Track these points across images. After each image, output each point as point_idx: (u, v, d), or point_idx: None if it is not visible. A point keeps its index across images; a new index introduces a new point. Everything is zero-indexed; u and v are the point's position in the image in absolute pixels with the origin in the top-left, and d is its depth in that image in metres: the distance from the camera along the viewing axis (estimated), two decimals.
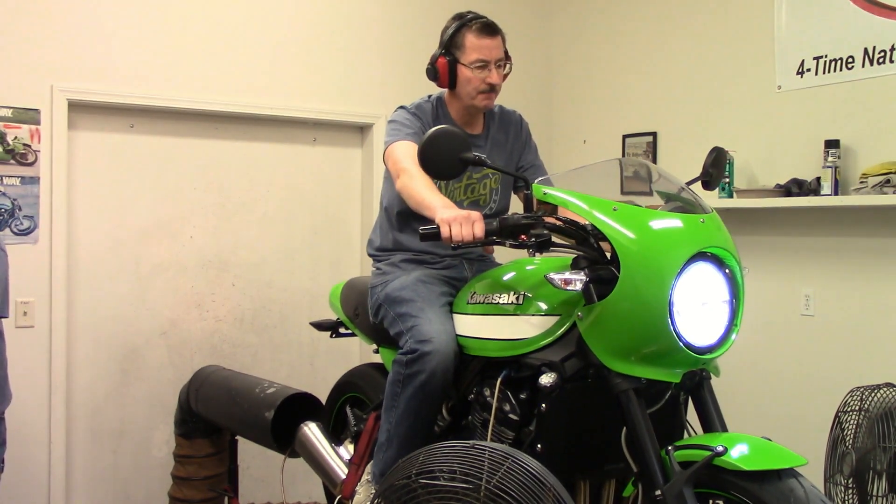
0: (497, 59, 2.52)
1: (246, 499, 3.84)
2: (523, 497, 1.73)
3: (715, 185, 2.28)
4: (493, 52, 2.51)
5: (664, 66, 4.21)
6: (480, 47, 2.51)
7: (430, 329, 2.29)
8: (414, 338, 2.31)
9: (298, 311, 4.16)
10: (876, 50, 3.33)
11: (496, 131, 2.70)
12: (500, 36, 2.55)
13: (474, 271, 2.60)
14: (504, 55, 2.56)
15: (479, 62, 2.51)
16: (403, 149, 2.46)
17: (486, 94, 2.54)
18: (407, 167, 2.37)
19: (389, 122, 2.59)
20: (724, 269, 1.95)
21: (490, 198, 2.66)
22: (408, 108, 2.61)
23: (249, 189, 4.07)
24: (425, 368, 2.25)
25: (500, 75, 2.55)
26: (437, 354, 2.25)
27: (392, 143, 2.51)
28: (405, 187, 2.34)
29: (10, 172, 3.46)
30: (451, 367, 2.28)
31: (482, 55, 2.50)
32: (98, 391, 3.72)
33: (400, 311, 2.45)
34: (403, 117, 2.57)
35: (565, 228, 2.04)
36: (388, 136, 2.55)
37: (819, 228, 3.54)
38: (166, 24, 3.76)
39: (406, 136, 2.50)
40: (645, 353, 1.90)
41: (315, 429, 2.87)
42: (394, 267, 2.63)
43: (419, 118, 2.57)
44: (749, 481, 1.72)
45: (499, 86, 2.55)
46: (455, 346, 2.29)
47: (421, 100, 2.64)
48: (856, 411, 2.79)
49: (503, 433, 2.16)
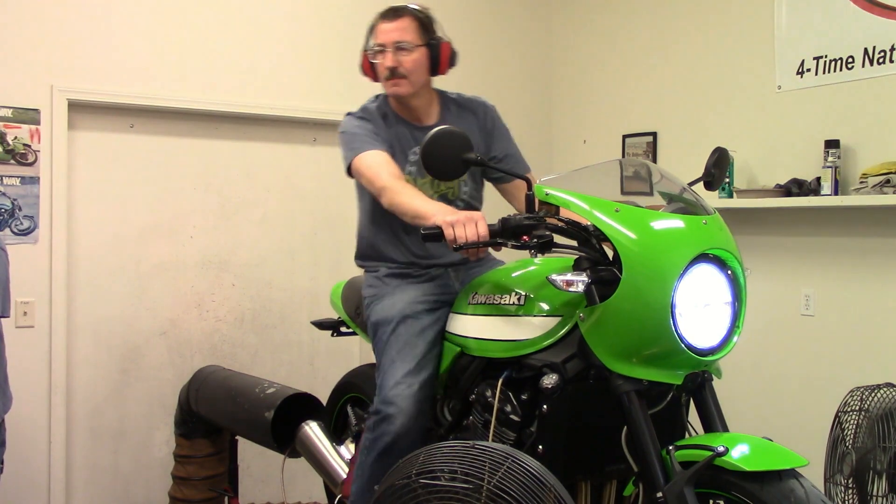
0: (394, 41, 2.43)
1: (246, 499, 3.84)
2: (524, 497, 1.73)
3: (717, 185, 2.27)
4: (389, 34, 2.44)
5: (664, 66, 4.21)
6: (379, 32, 2.47)
7: (395, 392, 2.30)
8: (379, 397, 2.35)
9: (298, 310, 4.16)
10: (876, 50, 3.33)
11: (454, 119, 2.55)
12: (403, 19, 2.45)
13: (461, 279, 2.56)
14: (414, 39, 2.44)
15: (377, 46, 2.46)
16: (370, 163, 2.38)
17: (391, 81, 2.45)
18: (386, 184, 2.31)
19: (341, 134, 2.50)
20: (727, 270, 1.95)
21: (459, 189, 2.59)
22: (354, 113, 2.54)
23: (249, 189, 4.07)
24: (389, 431, 2.28)
25: (402, 59, 2.43)
26: (400, 417, 2.27)
27: (353, 157, 2.42)
28: (393, 205, 2.29)
29: (10, 172, 3.46)
30: (415, 431, 2.30)
31: (378, 39, 2.46)
32: (98, 391, 3.72)
33: (377, 351, 2.45)
34: (353, 125, 2.49)
35: (567, 229, 2.04)
36: (345, 150, 2.47)
37: (819, 228, 3.55)
38: (166, 24, 3.76)
39: (363, 145, 2.42)
40: (647, 354, 1.90)
41: (316, 428, 2.88)
42: (379, 282, 2.58)
43: (367, 120, 2.50)
44: (750, 482, 1.72)
45: (402, 70, 2.43)
46: (421, 407, 2.31)
47: (367, 101, 2.58)
48: (856, 411, 2.80)
49: (504, 434, 2.16)
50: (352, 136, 2.47)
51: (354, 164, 2.43)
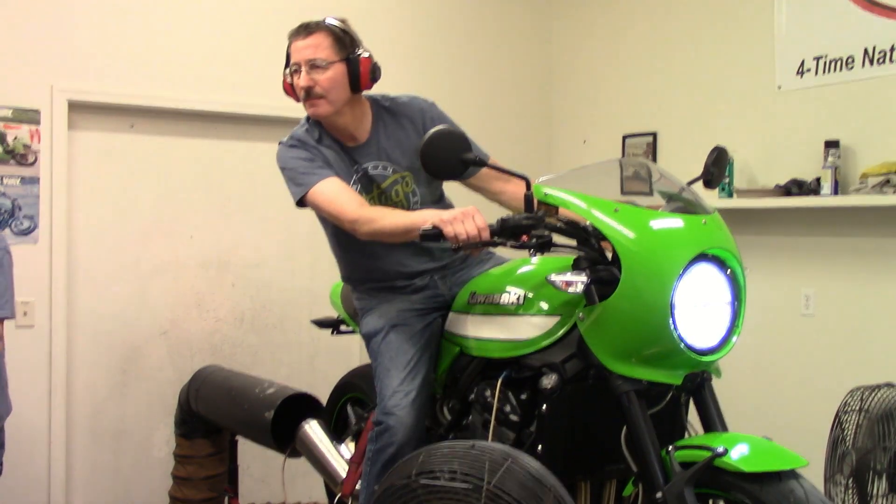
0: (308, 60, 2.30)
1: (246, 499, 3.84)
2: (524, 497, 1.73)
3: (716, 184, 2.27)
4: (302, 52, 2.31)
5: (664, 66, 4.21)
6: (293, 51, 2.35)
7: (393, 401, 2.31)
8: (380, 408, 2.35)
9: (298, 310, 4.16)
10: (876, 50, 3.33)
11: (389, 129, 2.43)
12: (315, 35, 2.32)
13: (449, 285, 2.52)
14: (328, 55, 2.30)
15: (293, 66, 2.33)
16: (328, 196, 2.28)
17: (308, 102, 2.33)
18: (355, 216, 2.23)
19: (281, 170, 2.39)
20: (726, 270, 1.95)
21: (409, 200, 2.46)
22: (284, 142, 2.43)
23: (249, 189, 4.07)
24: (393, 441, 2.29)
25: (317, 79, 2.29)
26: (401, 427, 2.28)
27: (303, 193, 2.31)
28: (376, 234, 2.22)
29: (10, 172, 3.46)
30: (418, 434, 2.31)
31: (293, 58, 2.34)
32: (98, 391, 3.72)
33: (372, 361, 2.45)
34: (288, 157, 2.37)
35: (566, 229, 2.04)
36: (292, 187, 2.36)
37: (819, 228, 3.54)
38: (166, 24, 3.76)
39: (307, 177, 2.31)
40: (646, 354, 1.90)
41: (316, 427, 2.88)
42: (367, 295, 2.55)
43: (300, 148, 2.38)
44: (750, 482, 1.72)
45: (318, 89, 2.30)
46: (420, 407, 2.32)
47: (295, 129, 2.46)
48: (856, 411, 2.79)
49: (504, 434, 2.16)
50: (292, 170, 2.36)
51: (309, 200, 2.32)
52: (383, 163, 2.42)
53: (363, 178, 2.43)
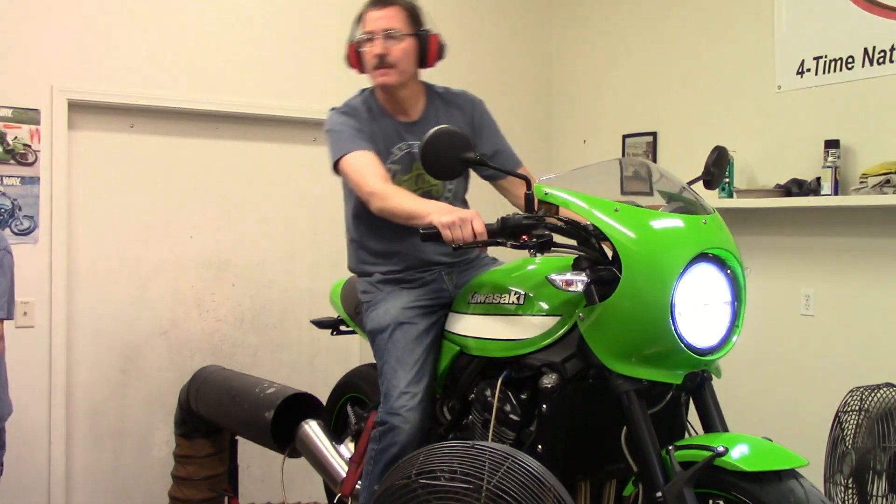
0: (384, 29, 2.39)
1: (246, 499, 3.84)
2: (524, 497, 1.73)
3: (716, 184, 2.27)
4: (378, 22, 2.39)
5: (664, 66, 4.21)
6: (367, 20, 2.43)
7: (399, 402, 2.32)
8: (385, 408, 2.36)
9: (298, 310, 4.16)
10: (876, 50, 3.33)
11: (440, 114, 2.52)
12: (392, 7, 2.41)
13: (455, 280, 2.54)
14: (403, 28, 2.40)
15: (366, 35, 2.41)
16: (356, 166, 2.35)
17: (379, 70, 2.40)
18: (373, 188, 2.28)
19: (326, 132, 2.45)
20: (726, 270, 1.95)
21: (444, 188, 2.54)
22: (338, 109, 2.49)
23: (249, 189, 4.07)
24: (397, 441, 2.30)
25: (392, 48, 2.39)
26: (406, 427, 2.30)
27: (339, 157, 2.38)
28: (385, 210, 2.26)
29: (10, 172, 3.46)
30: (422, 435, 2.32)
31: (367, 28, 2.42)
32: (98, 391, 3.72)
33: (377, 358, 2.46)
34: (337, 122, 2.44)
35: (567, 229, 2.04)
36: (330, 149, 2.42)
37: (819, 228, 3.54)
38: (166, 24, 3.76)
39: (347, 144, 2.38)
40: (646, 354, 1.90)
41: (316, 427, 2.88)
42: (374, 287, 2.56)
43: (351, 116, 2.44)
44: (749, 482, 1.72)
45: (390, 58, 2.39)
46: (425, 408, 2.33)
47: (351, 96, 2.53)
48: (856, 411, 2.79)
49: (504, 433, 2.16)
50: (337, 133, 2.42)
51: (340, 165, 2.39)
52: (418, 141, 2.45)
53: (406, 155, 2.48)
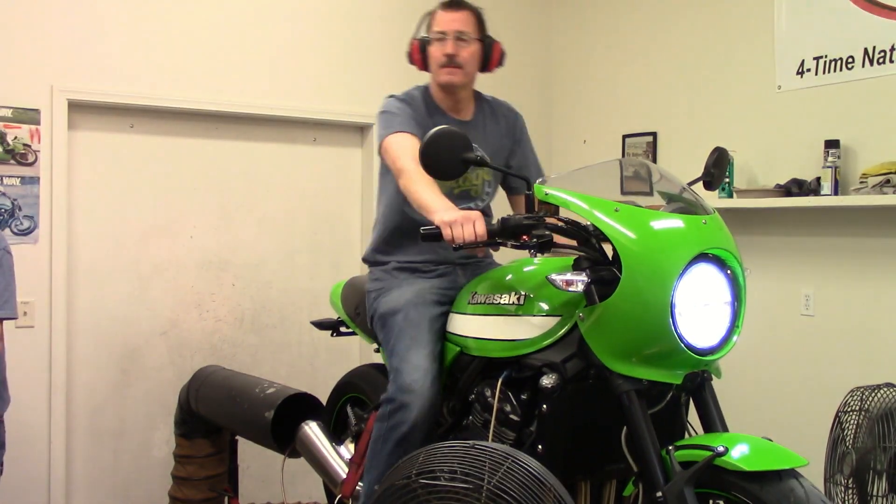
0: (456, 31, 2.50)
1: (246, 499, 3.84)
2: (524, 497, 1.73)
3: (717, 185, 2.28)
4: (451, 24, 2.51)
5: (664, 66, 4.21)
6: (440, 20, 2.53)
7: (412, 377, 2.29)
8: (395, 384, 2.33)
9: (298, 311, 4.16)
10: (876, 50, 3.33)
11: (488, 119, 2.65)
12: (465, 12, 2.54)
13: (468, 276, 2.56)
14: (472, 32, 2.53)
15: (438, 34, 2.51)
16: (399, 144, 2.43)
17: (447, 69, 2.51)
18: (405, 166, 2.34)
19: (380, 114, 2.54)
20: (726, 270, 1.95)
21: (483, 189, 2.64)
22: (397, 95, 2.58)
23: (249, 189, 4.07)
24: (407, 419, 2.27)
25: (461, 49, 2.50)
26: (418, 404, 2.26)
27: (386, 136, 2.47)
28: (407, 189, 2.33)
29: (10, 172, 3.46)
30: (432, 416, 2.30)
31: (440, 27, 2.52)
32: (98, 391, 3.72)
33: (388, 340, 2.44)
34: (394, 106, 2.53)
35: (567, 229, 2.04)
36: (380, 129, 2.51)
37: (819, 228, 3.54)
38: (166, 24, 3.76)
39: (399, 126, 2.47)
40: (646, 354, 1.90)
41: (316, 428, 2.87)
42: (387, 275, 2.60)
43: (409, 105, 2.54)
44: (750, 482, 1.72)
45: (459, 59, 2.50)
46: (437, 390, 2.31)
47: (410, 88, 2.62)
48: (856, 411, 2.80)
49: (504, 433, 2.16)
50: (391, 115, 2.50)
51: (384, 143, 2.47)
52: (477, 144, 2.53)
53: None
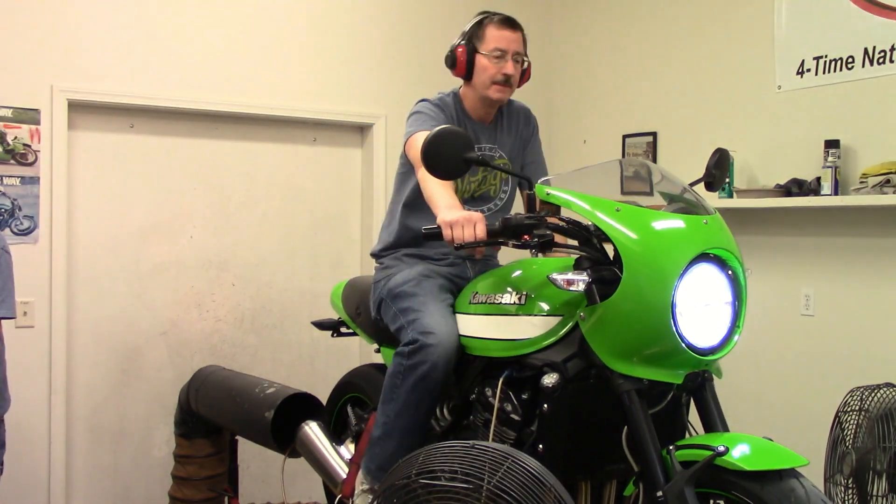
0: (515, 51, 2.54)
1: (246, 499, 3.84)
2: (524, 497, 1.72)
3: (718, 186, 2.28)
4: (511, 44, 2.54)
5: (664, 66, 4.21)
6: (500, 38, 2.54)
7: (433, 321, 2.30)
8: (416, 329, 2.32)
9: (298, 311, 4.16)
10: (876, 50, 3.33)
11: (504, 123, 2.71)
12: (520, 32, 2.58)
13: (477, 271, 2.59)
14: (523, 52, 2.58)
15: (497, 51, 2.53)
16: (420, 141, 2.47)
17: (501, 87, 2.55)
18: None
19: (414, 114, 2.58)
20: (727, 270, 1.95)
21: (500, 188, 2.68)
22: (430, 99, 2.62)
23: (249, 189, 4.07)
24: (427, 359, 2.25)
25: (517, 69, 2.56)
26: (440, 346, 2.25)
27: (413, 133, 2.50)
28: (423, 181, 2.36)
29: (10, 172, 3.45)
30: (452, 361, 2.28)
31: (500, 45, 2.53)
32: (98, 391, 3.72)
33: (402, 306, 2.45)
34: (427, 108, 2.58)
35: (568, 229, 2.05)
36: (409, 127, 2.55)
37: (819, 228, 3.54)
38: (166, 24, 3.76)
39: (428, 126, 2.47)
40: (647, 354, 1.90)
41: (316, 428, 2.87)
42: (397, 261, 2.64)
43: (442, 110, 2.58)
44: (750, 481, 1.72)
45: (514, 78, 2.56)
46: (457, 340, 2.30)
47: (441, 93, 2.66)
48: (856, 411, 2.80)
49: (505, 433, 2.16)
50: (424, 116, 2.54)
51: (410, 140, 2.49)
52: (492, 145, 2.63)
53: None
